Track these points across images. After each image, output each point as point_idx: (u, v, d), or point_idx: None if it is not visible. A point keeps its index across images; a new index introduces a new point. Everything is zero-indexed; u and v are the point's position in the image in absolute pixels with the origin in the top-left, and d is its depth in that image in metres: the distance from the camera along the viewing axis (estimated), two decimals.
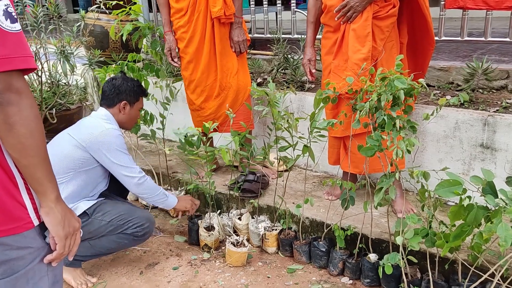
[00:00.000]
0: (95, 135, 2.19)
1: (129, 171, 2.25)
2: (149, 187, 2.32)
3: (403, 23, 2.36)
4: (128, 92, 2.36)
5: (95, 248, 2.26)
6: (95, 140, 2.18)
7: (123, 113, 2.36)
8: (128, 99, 2.36)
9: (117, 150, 2.21)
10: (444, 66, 3.02)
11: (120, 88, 2.35)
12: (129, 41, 4.00)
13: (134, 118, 2.44)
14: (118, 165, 2.22)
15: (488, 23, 2.95)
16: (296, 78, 3.33)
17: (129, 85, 2.37)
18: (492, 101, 2.64)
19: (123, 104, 2.35)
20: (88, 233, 2.20)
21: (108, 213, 2.22)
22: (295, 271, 2.34)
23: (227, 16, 2.69)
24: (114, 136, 2.22)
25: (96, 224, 2.20)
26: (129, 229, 2.23)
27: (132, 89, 2.37)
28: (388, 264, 1.94)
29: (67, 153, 2.18)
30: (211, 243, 2.52)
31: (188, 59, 2.81)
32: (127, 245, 2.32)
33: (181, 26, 2.76)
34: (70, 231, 1.13)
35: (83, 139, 2.19)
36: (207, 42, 2.74)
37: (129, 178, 2.26)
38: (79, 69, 3.80)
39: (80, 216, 2.18)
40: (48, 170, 1.06)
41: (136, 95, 2.39)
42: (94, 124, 2.26)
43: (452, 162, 2.48)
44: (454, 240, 1.70)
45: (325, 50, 2.40)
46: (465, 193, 1.60)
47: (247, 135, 2.54)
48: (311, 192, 2.77)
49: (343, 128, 2.29)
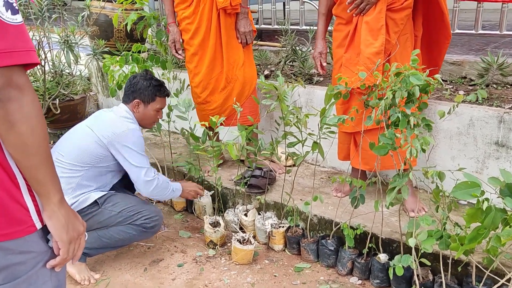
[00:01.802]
0: (117, 134, 2.21)
1: (145, 174, 2.26)
2: (161, 187, 2.32)
3: (418, 15, 2.28)
4: (142, 91, 2.33)
5: (103, 239, 2.22)
6: (116, 140, 2.20)
7: (137, 111, 2.35)
8: (141, 98, 2.34)
9: (136, 153, 2.23)
10: (457, 60, 2.94)
11: (135, 86, 2.34)
12: (134, 31, 3.93)
13: (151, 118, 2.41)
14: (135, 166, 2.24)
15: (504, 16, 2.85)
16: (304, 70, 3.25)
17: (145, 84, 2.33)
18: (506, 97, 2.56)
19: (136, 103, 2.34)
20: (97, 223, 2.21)
21: (118, 204, 2.23)
22: (302, 269, 2.29)
23: (233, 6, 2.61)
24: (135, 137, 2.25)
25: (106, 214, 2.21)
26: (138, 220, 2.23)
27: (147, 88, 2.33)
28: (399, 266, 1.89)
29: (87, 148, 2.20)
30: (217, 239, 2.48)
31: (193, 51, 2.73)
32: (135, 237, 2.28)
33: (186, 17, 2.68)
34: (74, 235, 1.07)
35: (104, 136, 2.20)
36: (213, 33, 2.67)
37: (144, 183, 2.26)
38: (83, 59, 3.74)
39: (91, 206, 2.20)
40: (51, 171, 1.01)
41: (151, 94, 2.35)
42: (116, 122, 2.26)
43: (465, 160, 2.41)
44: (470, 243, 1.64)
45: (337, 43, 2.33)
46: (483, 195, 1.54)
47: (254, 130, 2.48)
48: (319, 188, 2.71)
49: (354, 124, 2.22)
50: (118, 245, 2.33)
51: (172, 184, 2.41)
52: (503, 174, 1.56)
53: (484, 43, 3.53)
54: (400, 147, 1.79)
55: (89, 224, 2.21)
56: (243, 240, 2.35)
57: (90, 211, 2.20)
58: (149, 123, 2.44)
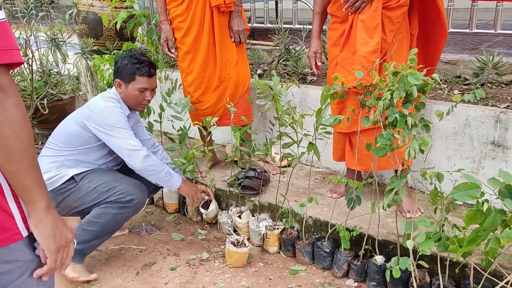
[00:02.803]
0: (95, 113, 2.19)
1: (131, 145, 2.19)
2: (155, 161, 2.25)
3: (413, 13, 2.25)
4: (121, 70, 2.27)
5: (89, 229, 2.14)
6: (93, 118, 2.18)
7: (119, 92, 2.30)
8: (121, 77, 2.28)
9: (114, 127, 2.18)
10: (451, 59, 2.92)
11: (117, 64, 2.30)
12: (124, 29, 3.86)
13: (134, 98, 2.30)
14: (117, 138, 2.18)
15: (498, 15, 2.84)
16: (298, 70, 3.21)
17: (124, 62, 2.27)
18: (501, 96, 2.55)
19: (117, 83, 2.30)
20: (75, 200, 2.19)
21: (95, 180, 2.20)
22: (297, 272, 2.25)
23: (227, 4, 2.56)
24: (111, 113, 2.19)
25: (83, 191, 2.18)
26: (112, 195, 2.15)
27: (125, 66, 2.26)
28: (396, 268, 1.86)
29: (71, 130, 2.22)
30: (209, 219, 2.59)
31: (186, 49, 2.68)
32: (117, 216, 2.16)
33: (179, 15, 2.62)
34: (62, 243, 1.02)
35: (84, 117, 2.21)
36: (206, 31, 2.61)
37: (133, 152, 2.19)
38: (71, 58, 3.66)
39: (69, 182, 2.19)
40: (37, 177, 0.95)
41: (129, 73, 2.26)
42: (95, 102, 2.25)
43: (461, 160, 2.39)
44: (469, 244, 1.62)
45: (332, 42, 2.29)
46: (483, 197, 1.52)
47: (248, 130, 2.44)
48: (313, 189, 2.68)
49: (350, 124, 2.19)
50: (107, 231, 2.20)
51: (170, 168, 2.32)
52: (503, 175, 1.53)
53: (477, 42, 3.53)
54: (398, 147, 1.76)
55: (68, 202, 2.20)
56: (237, 243, 2.30)
57: (68, 187, 2.18)
58: (135, 103, 2.32)
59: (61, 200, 2.20)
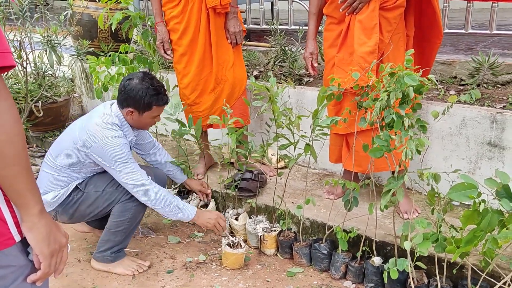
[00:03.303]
0: (96, 143, 2.07)
1: (133, 179, 2.11)
2: (159, 195, 2.15)
3: (409, 14, 2.25)
4: (137, 100, 2.10)
5: (118, 230, 2.21)
6: (94, 149, 2.09)
7: (130, 119, 2.18)
8: (135, 106, 2.12)
9: (116, 161, 2.09)
10: (447, 59, 2.92)
11: (130, 93, 2.10)
12: (119, 31, 3.85)
13: (147, 124, 2.24)
14: (120, 172, 2.11)
15: (494, 15, 2.84)
16: (294, 71, 3.21)
17: (141, 93, 2.09)
18: (497, 97, 2.55)
19: (129, 112, 2.14)
20: (88, 206, 2.19)
21: (99, 183, 2.19)
22: (295, 274, 2.24)
23: (223, 5, 2.55)
24: (113, 147, 2.07)
25: (93, 196, 2.18)
26: (123, 191, 2.17)
27: (143, 97, 2.09)
28: (393, 269, 1.85)
29: (69, 151, 2.13)
30: None
31: (182, 51, 2.66)
32: (139, 207, 2.21)
33: (174, 16, 2.61)
34: (56, 248, 1.00)
35: (83, 144, 2.09)
36: (202, 33, 2.60)
37: (134, 187, 2.12)
38: (66, 60, 3.64)
39: (75, 193, 2.18)
40: (30, 181, 0.94)
41: (146, 104, 2.12)
42: (95, 129, 2.08)
43: (458, 160, 2.39)
44: (466, 245, 1.62)
45: (328, 42, 2.28)
46: (480, 197, 1.52)
47: (244, 132, 2.43)
48: (310, 190, 2.67)
49: (347, 125, 2.18)
50: (136, 221, 2.26)
51: (180, 200, 2.22)
52: (499, 175, 1.53)
53: (473, 43, 3.54)
54: (395, 148, 1.75)
55: (81, 212, 2.20)
56: (233, 244, 2.29)
57: (76, 198, 2.18)
58: (146, 127, 2.30)
59: (73, 212, 2.20)
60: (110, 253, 2.25)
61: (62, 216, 2.22)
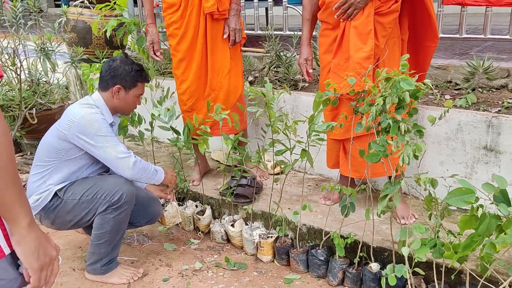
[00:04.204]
0: (75, 122, 2.09)
1: (119, 152, 2.12)
2: (143, 164, 2.20)
3: (403, 19, 2.24)
4: (123, 76, 2.20)
5: (100, 243, 2.17)
6: (74, 128, 2.09)
7: (117, 97, 2.22)
8: (123, 83, 2.20)
9: (97, 135, 2.09)
10: (442, 64, 2.93)
11: (116, 71, 2.19)
12: (114, 38, 3.84)
13: (131, 104, 2.29)
14: (103, 147, 2.10)
15: (488, 20, 2.86)
16: (289, 76, 3.20)
17: (127, 68, 2.20)
18: (492, 101, 2.56)
19: (117, 89, 2.20)
20: (67, 213, 2.16)
21: (76, 192, 2.15)
22: (292, 281, 2.22)
23: (221, 12, 2.54)
24: (93, 121, 2.10)
25: (70, 204, 2.14)
26: (99, 201, 2.11)
27: (129, 73, 2.20)
28: (391, 275, 1.84)
29: (51, 143, 2.15)
30: (203, 226, 2.61)
31: (180, 57, 2.65)
32: (117, 219, 2.13)
33: (174, 22, 2.60)
34: (46, 261, 0.98)
35: (63, 128, 2.11)
36: (200, 39, 2.58)
37: (121, 160, 2.12)
38: (60, 67, 3.62)
39: (55, 199, 2.15)
40: (19, 193, 0.91)
41: (133, 80, 2.22)
42: (74, 111, 2.15)
43: (454, 165, 2.39)
44: (464, 250, 1.60)
45: (323, 48, 2.28)
46: (477, 202, 1.51)
47: (240, 138, 2.41)
48: (307, 196, 2.66)
49: (344, 131, 2.17)
50: (119, 232, 2.20)
51: (153, 165, 2.27)
52: (497, 180, 1.52)
53: (467, 47, 3.55)
54: (392, 154, 1.74)
55: (62, 218, 2.17)
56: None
57: (55, 204, 2.15)
58: (128, 109, 2.32)
59: (54, 218, 2.18)
60: (101, 266, 2.21)
61: (45, 221, 2.21)
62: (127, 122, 2.73)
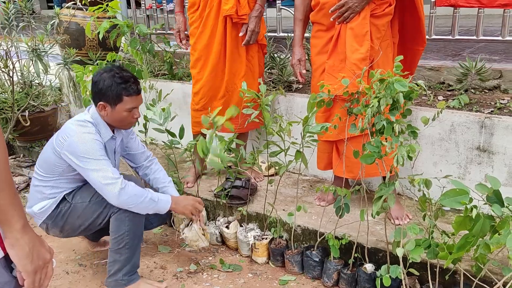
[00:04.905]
0: (67, 141, 2.00)
1: (104, 177, 1.98)
2: (132, 192, 2.02)
3: (394, 22, 2.26)
4: (105, 91, 2.02)
5: (121, 247, 2.08)
6: (65, 146, 2.00)
7: (105, 115, 2.07)
8: (106, 99, 2.03)
9: (85, 158, 1.98)
10: (434, 65, 2.94)
11: (98, 86, 2.03)
12: (107, 39, 3.82)
13: (124, 120, 2.09)
14: (89, 170, 1.99)
15: (480, 21, 2.88)
16: (283, 78, 3.21)
17: (107, 82, 2.01)
18: (485, 102, 2.57)
19: (101, 106, 2.05)
20: (77, 218, 2.10)
21: (85, 195, 2.10)
22: (287, 282, 2.22)
23: (240, 16, 2.53)
24: (83, 142, 1.99)
25: (80, 207, 2.09)
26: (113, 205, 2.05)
27: (110, 87, 2.01)
28: (386, 276, 1.84)
29: (48, 158, 2.08)
30: None
31: (197, 56, 2.67)
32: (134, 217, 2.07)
33: (194, 21, 2.65)
34: (40, 264, 0.97)
35: (57, 144, 2.04)
36: (218, 40, 2.59)
37: (106, 186, 1.98)
38: (53, 68, 3.60)
39: (62, 204, 2.10)
40: (13, 196, 0.91)
41: (116, 95, 2.02)
42: (68, 128, 2.06)
43: (448, 165, 2.40)
44: (458, 251, 1.61)
45: (316, 50, 2.28)
46: (471, 202, 1.51)
47: (234, 140, 2.41)
48: (301, 197, 2.66)
49: (337, 132, 2.18)
50: (138, 235, 2.12)
51: (153, 192, 2.10)
52: (490, 180, 1.53)
53: (459, 49, 3.57)
54: (386, 155, 1.75)
55: (71, 224, 2.11)
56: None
57: (65, 210, 2.10)
58: (123, 124, 2.14)
59: (63, 224, 2.12)
60: (123, 276, 2.09)
61: (54, 229, 2.15)
62: None
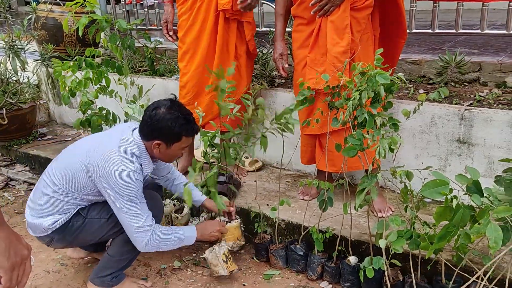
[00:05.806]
0: (107, 170, 1.85)
1: (137, 223, 1.89)
2: (160, 238, 1.95)
3: (375, 15, 2.27)
4: (165, 132, 1.90)
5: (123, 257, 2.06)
6: (104, 178, 1.86)
7: (156, 152, 1.97)
8: (164, 139, 1.92)
9: (124, 198, 1.87)
10: (415, 59, 2.97)
11: (157, 124, 1.90)
12: (86, 35, 3.75)
13: (174, 157, 2.04)
14: (124, 213, 1.88)
15: (459, 15, 2.91)
16: (266, 73, 3.20)
17: (170, 124, 1.89)
18: (465, 95, 2.61)
19: (156, 144, 1.93)
20: (90, 234, 2.00)
21: (103, 210, 1.98)
22: (271, 277, 2.22)
23: (234, 11, 2.47)
24: (125, 182, 1.85)
25: (96, 223, 1.98)
26: None
27: (172, 129, 1.90)
28: (369, 268, 1.86)
29: (75, 175, 1.91)
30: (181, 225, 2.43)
31: (185, 49, 2.62)
32: None
33: (183, 13, 2.59)
34: (17, 261, 0.95)
35: (94, 170, 1.87)
36: (207, 35, 2.54)
37: (136, 234, 1.90)
38: (30, 65, 3.53)
39: (76, 218, 1.97)
40: None
41: (177, 135, 1.93)
42: (110, 156, 1.87)
43: (429, 158, 2.43)
44: (439, 241, 1.63)
45: (298, 44, 2.28)
46: (451, 193, 1.53)
47: (217, 135, 2.39)
48: (285, 192, 2.66)
49: (319, 126, 2.18)
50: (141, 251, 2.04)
51: (178, 231, 2.03)
52: (469, 171, 1.56)
53: (440, 42, 3.61)
54: (368, 147, 1.76)
55: (82, 238, 2.02)
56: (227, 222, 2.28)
57: (77, 225, 1.97)
58: (170, 160, 2.09)
59: (72, 240, 2.01)
60: (111, 278, 2.07)
61: (57, 243, 2.02)
62: (101, 121, 2.67)
